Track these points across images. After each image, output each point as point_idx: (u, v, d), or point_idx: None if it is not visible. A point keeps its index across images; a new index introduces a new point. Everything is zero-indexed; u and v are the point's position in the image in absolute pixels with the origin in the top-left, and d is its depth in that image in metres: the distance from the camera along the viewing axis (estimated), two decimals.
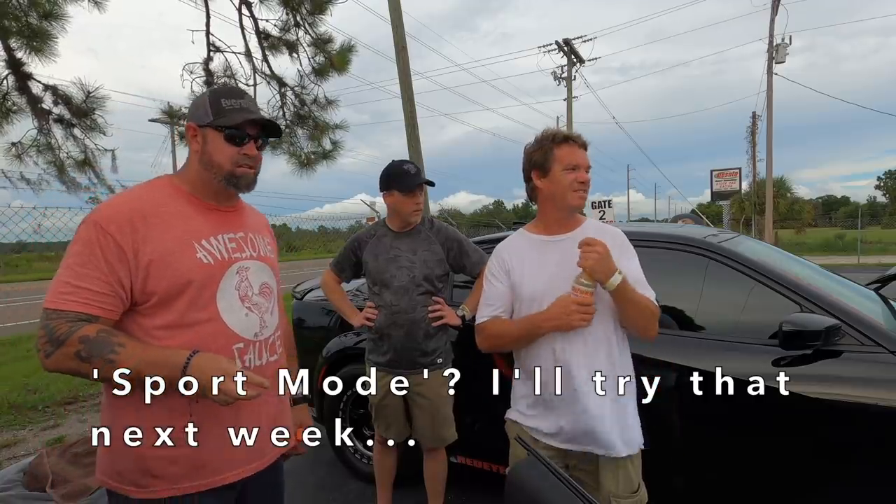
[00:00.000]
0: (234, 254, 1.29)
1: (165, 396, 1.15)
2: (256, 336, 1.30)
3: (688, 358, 2.11)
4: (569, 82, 22.43)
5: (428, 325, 2.27)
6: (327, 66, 6.03)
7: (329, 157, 6.40)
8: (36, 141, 4.78)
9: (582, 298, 1.47)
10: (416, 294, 2.27)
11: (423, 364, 2.29)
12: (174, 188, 1.28)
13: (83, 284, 1.11)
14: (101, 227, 1.14)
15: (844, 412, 1.89)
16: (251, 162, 1.29)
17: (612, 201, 6.69)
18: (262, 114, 1.31)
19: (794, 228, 34.88)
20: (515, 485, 0.80)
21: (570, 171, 1.60)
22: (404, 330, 2.26)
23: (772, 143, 18.36)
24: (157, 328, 1.18)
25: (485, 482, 2.63)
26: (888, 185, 75.42)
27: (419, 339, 2.27)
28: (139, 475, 1.18)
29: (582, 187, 1.61)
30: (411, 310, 2.26)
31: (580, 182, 1.60)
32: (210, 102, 1.26)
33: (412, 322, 2.26)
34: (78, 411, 4.68)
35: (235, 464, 1.26)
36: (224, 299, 1.24)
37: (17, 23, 4.27)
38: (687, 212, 9.78)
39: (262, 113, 1.31)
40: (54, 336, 1.08)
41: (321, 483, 3.12)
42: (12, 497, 1.64)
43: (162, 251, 1.17)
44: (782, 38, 18.17)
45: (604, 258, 1.45)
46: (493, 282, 1.72)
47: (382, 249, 2.33)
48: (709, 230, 2.97)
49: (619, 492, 1.58)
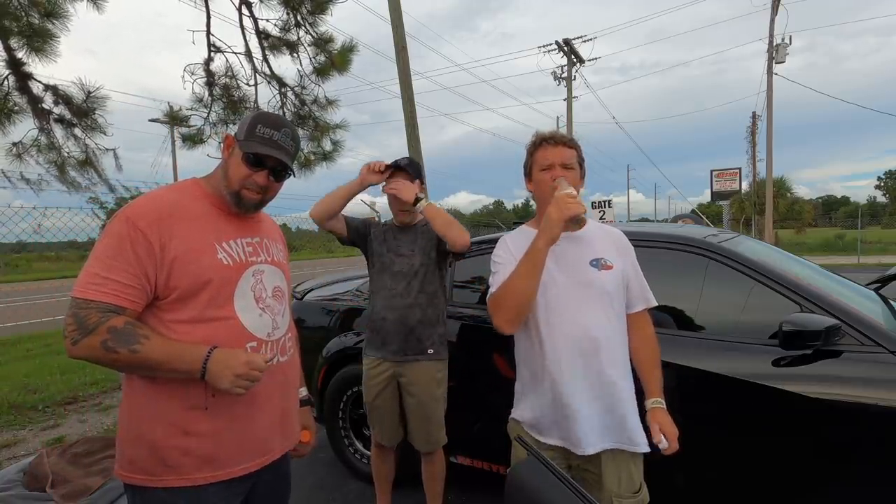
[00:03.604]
0: (251, 257, 1.36)
1: (183, 390, 1.22)
2: (269, 336, 1.35)
3: (688, 358, 2.11)
4: (569, 82, 22.43)
5: (423, 313, 2.30)
6: (328, 65, 6.02)
7: (329, 158, 6.39)
8: (36, 141, 4.77)
9: (569, 192, 1.49)
10: (413, 281, 2.31)
11: (415, 351, 2.31)
12: (200, 190, 1.36)
13: (112, 276, 1.16)
14: (132, 223, 1.19)
15: (844, 412, 1.89)
16: (258, 189, 1.34)
17: (612, 201, 6.70)
18: (282, 153, 1.35)
19: (794, 228, 34.89)
20: (515, 485, 0.80)
21: (546, 171, 1.63)
22: (398, 314, 2.30)
23: (772, 143, 18.36)
24: (176, 322, 1.23)
25: (485, 482, 2.63)
26: (888, 185, 75.41)
27: (412, 324, 2.30)
28: (152, 465, 1.22)
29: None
30: (406, 295, 2.31)
31: (553, 179, 1.61)
32: (249, 123, 1.33)
33: (407, 307, 2.30)
34: (78, 411, 4.68)
35: (246, 458, 1.31)
36: (241, 299, 1.30)
37: (17, 23, 4.27)
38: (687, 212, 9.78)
39: (285, 150, 1.35)
40: (84, 324, 1.13)
41: (321, 483, 3.12)
42: (12, 497, 1.65)
43: (186, 249, 1.23)
44: (782, 38, 18.18)
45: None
46: (500, 263, 1.66)
47: (388, 237, 2.43)
48: (709, 230, 2.97)
49: (621, 491, 1.58)
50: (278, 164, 1.35)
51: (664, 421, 1.58)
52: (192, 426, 1.23)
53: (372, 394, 2.39)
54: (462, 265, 2.88)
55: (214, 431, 1.25)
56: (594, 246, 1.64)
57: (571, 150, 1.65)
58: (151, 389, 1.22)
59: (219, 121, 6.01)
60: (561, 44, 21.96)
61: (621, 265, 1.63)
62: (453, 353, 2.44)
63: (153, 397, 1.23)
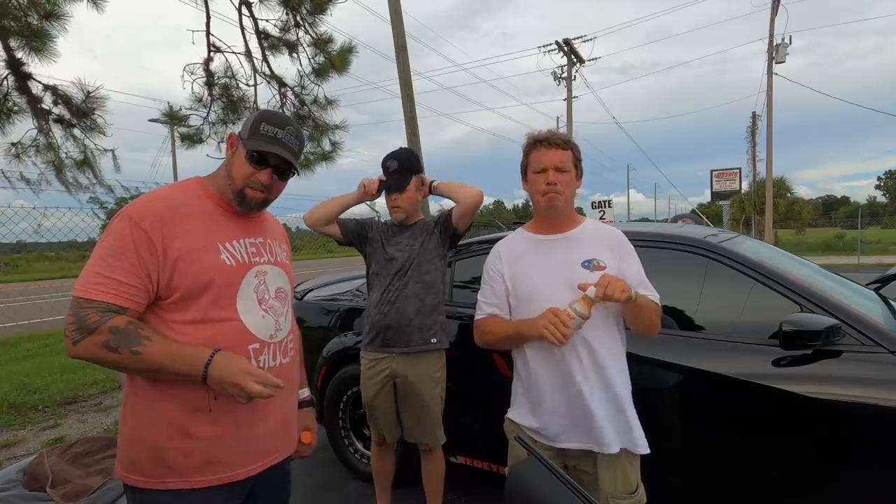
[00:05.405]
0: (254, 258, 1.34)
1: (186, 391, 1.20)
2: (272, 338, 1.34)
3: (688, 358, 2.11)
4: (569, 82, 22.43)
5: (421, 302, 2.32)
6: (327, 66, 6.02)
7: (328, 159, 6.39)
8: (35, 141, 4.77)
9: (564, 317, 1.44)
10: (411, 271, 2.34)
11: (416, 342, 2.31)
12: (203, 190, 1.34)
13: (114, 276, 1.15)
14: (135, 222, 1.18)
15: (844, 412, 1.89)
16: (261, 187, 1.33)
17: (612, 201, 6.71)
18: (286, 151, 1.33)
19: (794, 228, 34.87)
20: (515, 485, 0.81)
21: (540, 174, 1.62)
22: (396, 306, 2.31)
23: (772, 143, 18.37)
24: (179, 322, 1.22)
25: (485, 482, 2.63)
26: (888, 185, 75.42)
27: (411, 314, 2.30)
28: (153, 466, 1.22)
29: (550, 188, 1.60)
30: (404, 286, 2.32)
31: (547, 184, 1.60)
32: (253, 122, 1.33)
33: (405, 298, 2.31)
34: (78, 411, 4.68)
35: (247, 461, 1.30)
36: (243, 300, 1.29)
37: (16, 23, 4.26)
38: (687, 212, 9.79)
39: (289, 148, 1.34)
40: (85, 324, 1.12)
41: (321, 483, 3.12)
42: (12, 497, 1.64)
43: (188, 249, 1.22)
44: (782, 38, 18.20)
45: (616, 282, 1.43)
46: (489, 282, 1.74)
47: (388, 236, 2.46)
48: (709, 230, 2.97)
49: (616, 492, 1.58)
50: (282, 163, 1.34)
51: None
52: (193, 428, 1.22)
53: (370, 393, 2.39)
54: (462, 265, 2.88)
55: (216, 434, 1.24)
56: (586, 247, 1.64)
57: (567, 151, 1.62)
58: (153, 391, 1.21)
59: (218, 120, 6.02)
60: (561, 44, 21.96)
61: (615, 265, 1.61)
62: (453, 352, 2.44)
63: (155, 398, 1.22)
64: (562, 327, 1.43)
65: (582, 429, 1.59)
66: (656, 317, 1.59)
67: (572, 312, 1.45)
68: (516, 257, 1.70)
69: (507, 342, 1.70)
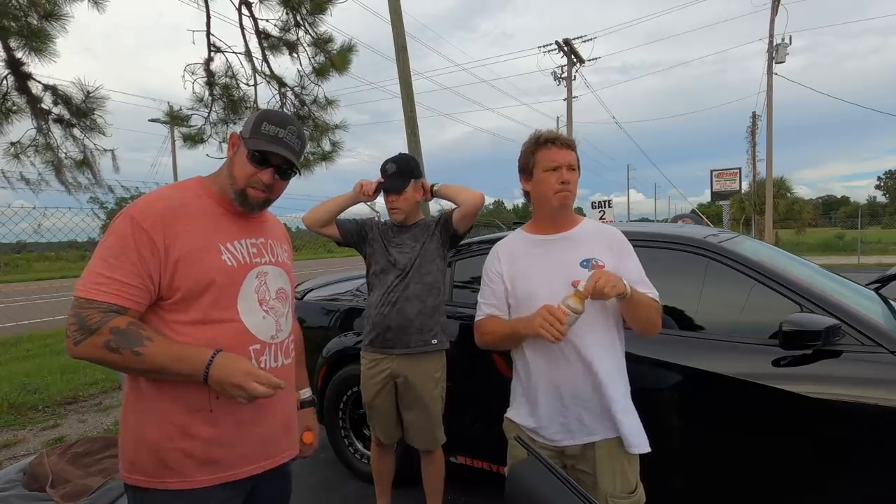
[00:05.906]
0: (255, 258, 1.34)
1: (187, 392, 1.20)
2: (273, 339, 1.34)
3: (688, 358, 2.11)
4: (569, 82, 22.43)
5: (422, 304, 2.32)
6: (327, 66, 6.02)
7: (328, 159, 6.39)
8: (35, 141, 4.77)
9: (559, 314, 1.44)
10: (412, 272, 2.34)
11: (416, 343, 2.31)
12: (204, 190, 1.34)
13: (116, 276, 1.15)
14: (136, 222, 1.18)
15: (844, 412, 1.89)
16: (263, 187, 1.33)
17: (612, 201, 6.71)
18: (288, 150, 1.33)
19: (794, 228, 34.86)
20: (515, 485, 0.81)
21: (552, 172, 1.62)
22: (397, 307, 2.31)
23: (772, 143, 18.37)
24: (179, 323, 1.22)
25: (485, 482, 2.63)
26: (888, 185, 75.43)
27: (411, 315, 2.30)
28: (154, 467, 1.22)
29: (564, 187, 1.61)
30: (405, 287, 2.32)
31: (561, 182, 1.60)
32: (254, 121, 1.32)
33: (405, 299, 2.31)
34: (78, 411, 4.68)
35: (248, 461, 1.30)
36: (244, 301, 1.29)
37: (16, 23, 4.26)
38: (687, 212, 9.79)
39: (290, 147, 1.34)
40: (86, 325, 1.12)
41: (321, 483, 3.12)
42: (12, 497, 1.64)
43: (189, 249, 1.22)
44: (782, 38, 18.19)
45: (607, 277, 1.44)
46: (488, 283, 1.75)
47: (389, 237, 2.46)
48: (709, 230, 2.97)
49: (615, 492, 1.57)
50: (284, 162, 1.34)
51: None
52: (194, 428, 1.22)
53: (371, 393, 2.39)
54: (462, 265, 2.88)
55: (217, 434, 1.24)
56: (585, 246, 1.64)
57: (574, 152, 1.65)
58: (154, 391, 1.21)
59: (219, 120, 6.02)
60: (561, 44, 21.95)
61: (614, 264, 1.61)
62: (453, 352, 2.44)
63: (156, 399, 1.21)
64: (557, 324, 1.43)
65: (580, 428, 1.59)
66: (656, 315, 1.59)
67: (566, 308, 1.45)
68: (515, 258, 1.70)
69: (506, 342, 1.71)
